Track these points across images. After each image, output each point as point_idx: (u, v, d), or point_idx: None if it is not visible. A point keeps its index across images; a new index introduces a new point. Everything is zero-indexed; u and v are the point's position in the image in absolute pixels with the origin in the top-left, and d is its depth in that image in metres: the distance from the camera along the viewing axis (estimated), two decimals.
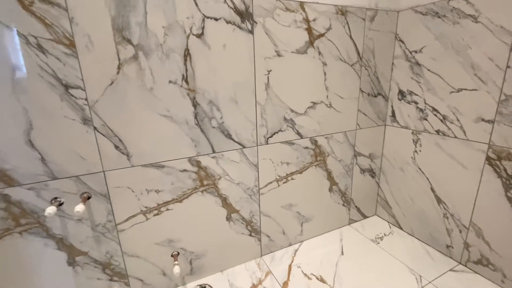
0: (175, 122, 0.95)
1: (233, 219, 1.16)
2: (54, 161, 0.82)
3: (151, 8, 0.83)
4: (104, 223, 0.93)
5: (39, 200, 0.82)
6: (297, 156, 1.24)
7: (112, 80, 0.83)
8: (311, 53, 1.14)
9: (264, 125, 1.12)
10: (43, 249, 0.86)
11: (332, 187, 1.40)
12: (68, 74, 0.77)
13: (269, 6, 1.00)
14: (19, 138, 0.76)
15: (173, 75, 0.91)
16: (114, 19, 0.79)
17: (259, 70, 1.05)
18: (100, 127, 0.85)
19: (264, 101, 1.09)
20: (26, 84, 0.74)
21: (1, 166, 0.76)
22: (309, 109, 1.21)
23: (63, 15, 0.74)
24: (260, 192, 1.19)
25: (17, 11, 0.69)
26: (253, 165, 1.14)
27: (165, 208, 1.01)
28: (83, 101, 0.81)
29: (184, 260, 1.11)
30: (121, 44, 0.82)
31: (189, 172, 1.02)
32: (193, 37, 0.91)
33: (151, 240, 1.02)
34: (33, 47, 0.73)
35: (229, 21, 0.95)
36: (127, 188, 0.94)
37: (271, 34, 1.04)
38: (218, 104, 1.01)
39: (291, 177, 1.26)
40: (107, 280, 0.98)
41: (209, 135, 1.02)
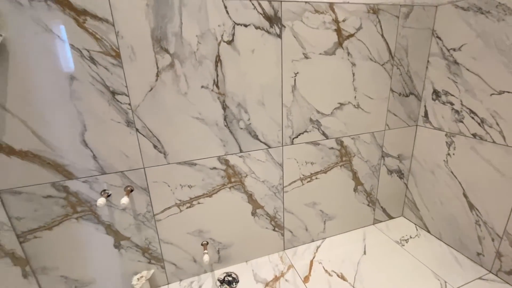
0: (206, 124, 1.02)
1: (258, 214, 1.23)
2: (103, 158, 0.93)
3: (186, 18, 0.89)
4: (144, 213, 1.05)
5: (91, 192, 0.95)
6: (322, 156, 1.26)
7: (151, 87, 0.91)
8: (340, 54, 1.13)
9: (290, 126, 1.15)
10: (95, 233, 1.00)
11: (357, 187, 1.40)
12: (115, 82, 0.87)
13: (298, 9, 1.01)
14: (75, 138, 0.88)
15: (205, 80, 0.97)
16: (153, 31, 0.87)
17: (286, 72, 1.08)
18: (141, 129, 0.94)
19: (290, 103, 1.12)
20: (80, 92, 0.85)
21: (61, 162, 0.89)
22: (336, 110, 1.21)
23: (111, 30, 0.82)
24: (284, 190, 1.24)
25: (73, 28, 0.79)
26: (278, 164, 1.19)
27: (196, 201, 1.11)
28: (127, 105, 0.91)
29: (213, 249, 1.21)
30: (159, 53, 0.89)
31: (218, 170, 1.10)
32: (224, 44, 0.96)
33: (184, 229, 1.13)
34: (86, 59, 0.83)
35: (258, 27, 0.98)
36: (164, 183, 1.04)
37: (299, 37, 1.05)
38: (246, 107, 1.06)
39: (315, 176, 1.28)
40: (146, 262, 1.11)
41: (237, 136, 1.08)
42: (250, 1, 0.94)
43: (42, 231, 0.93)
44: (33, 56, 0.78)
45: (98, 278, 1.06)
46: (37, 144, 0.85)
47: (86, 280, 1.05)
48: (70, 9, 0.77)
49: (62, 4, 0.76)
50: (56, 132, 0.86)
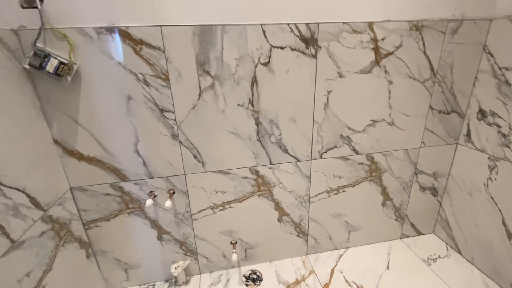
0: (240, 138, 1.11)
1: (283, 221, 1.31)
2: (152, 165, 1.08)
3: (227, 44, 0.96)
4: (183, 213, 1.19)
5: (141, 192, 1.11)
6: (351, 171, 1.28)
7: (194, 105, 1.02)
8: (376, 72, 1.12)
9: (320, 142, 1.19)
10: (142, 226, 1.17)
11: (386, 202, 1.40)
12: (163, 101, 0.99)
13: (335, 30, 1.03)
14: (130, 148, 1.03)
15: (241, 99, 1.05)
16: (198, 56, 0.96)
17: (319, 91, 1.11)
18: (184, 141, 1.06)
19: (321, 120, 1.16)
20: (135, 109, 0.98)
21: (118, 167, 1.05)
22: (368, 127, 1.21)
23: (162, 56, 0.93)
24: (310, 201, 1.30)
25: (131, 55, 0.91)
26: (306, 176, 1.24)
27: (228, 206, 1.22)
28: (173, 121, 1.03)
29: (240, 248, 1.33)
30: (202, 75, 0.99)
31: (249, 179, 1.19)
32: (260, 66, 1.02)
33: (216, 229, 1.26)
34: (141, 81, 0.95)
35: (294, 48, 1.02)
36: (201, 188, 1.16)
37: (334, 57, 1.07)
38: (277, 123, 1.12)
39: (343, 189, 1.31)
40: (182, 254, 1.27)
41: (267, 149, 1.15)
42: (288, 25, 0.98)
43: (102, 221, 1.12)
44: (99, 79, 0.92)
45: (143, 263, 1.25)
46: (100, 152, 1.01)
47: (134, 264, 1.23)
48: (130, 40, 0.90)
49: (124, 36, 0.89)
50: (115, 142, 1.01)
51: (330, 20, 1.01)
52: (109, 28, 0.87)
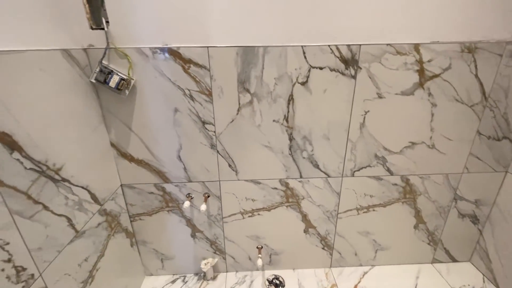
0: (273, 151, 1.16)
1: (309, 233, 1.34)
2: (191, 170, 1.18)
3: (267, 63, 1.01)
4: (215, 215, 1.28)
5: (180, 194, 1.22)
6: (383, 191, 1.26)
7: (232, 119, 1.09)
8: (419, 95, 1.08)
9: (353, 160, 1.19)
10: (178, 224, 1.29)
11: (419, 225, 1.35)
12: (205, 114, 1.07)
13: (378, 51, 1.01)
14: (173, 154, 1.14)
15: (277, 115, 1.09)
16: (239, 75, 1.02)
17: (356, 111, 1.10)
18: (221, 151, 1.14)
19: (356, 139, 1.15)
20: (180, 120, 1.08)
21: (162, 170, 1.17)
22: (406, 148, 1.18)
23: (207, 74, 1.01)
24: (338, 216, 1.31)
25: (180, 73, 1.00)
26: (336, 192, 1.25)
27: (257, 213, 1.28)
28: (212, 133, 1.11)
29: (265, 253, 1.39)
30: (242, 93, 1.04)
31: (278, 190, 1.24)
32: (298, 85, 1.05)
33: (244, 233, 1.33)
34: (187, 96, 1.04)
35: (333, 69, 1.03)
36: (233, 194, 1.24)
37: (374, 78, 1.05)
38: (311, 139, 1.14)
39: (373, 208, 1.30)
40: (212, 252, 1.37)
41: (299, 164, 1.19)
42: (329, 46, 0.99)
43: (145, 216, 1.26)
44: (152, 93, 1.03)
45: (177, 256, 1.37)
46: (148, 156, 1.14)
47: (169, 255, 1.37)
48: (180, 59, 0.98)
49: (175, 56, 0.98)
50: (161, 148, 1.12)
51: (373, 41, 1.00)
52: (162, 48, 0.97)
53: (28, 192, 0.69)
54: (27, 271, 0.68)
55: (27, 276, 0.67)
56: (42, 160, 0.74)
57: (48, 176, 0.76)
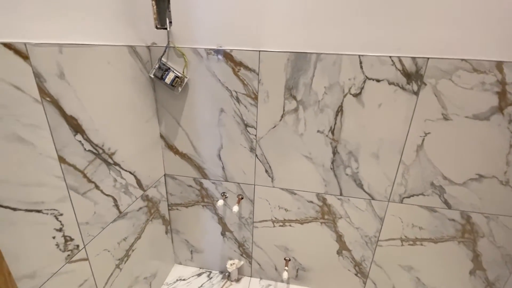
0: (313, 163, 1.10)
1: (343, 255, 1.25)
2: (229, 170, 1.19)
3: (318, 71, 0.96)
4: (246, 218, 1.28)
5: (215, 191, 1.25)
6: (436, 225, 1.11)
7: (275, 124, 1.07)
8: (496, 121, 0.92)
9: (403, 185, 1.07)
10: (210, 220, 1.32)
11: (476, 271, 1.15)
12: (249, 117, 1.07)
13: (449, 67, 0.89)
14: (214, 152, 1.17)
15: (322, 126, 1.04)
16: (287, 81, 0.99)
17: (414, 131, 0.98)
18: (259, 155, 1.13)
19: (410, 162, 1.03)
20: (224, 121, 1.10)
21: (203, 166, 1.21)
22: (472, 181, 1.01)
23: (255, 78, 1.01)
24: (378, 244, 1.19)
25: (230, 75, 1.02)
26: (379, 217, 1.14)
27: (288, 224, 1.24)
28: (254, 136, 1.10)
29: (292, 266, 1.34)
30: (288, 99, 1.02)
31: (314, 204, 1.18)
32: (349, 96, 0.98)
33: (273, 241, 1.30)
34: (234, 98, 1.05)
35: (392, 82, 0.94)
36: (266, 201, 1.22)
37: (441, 96, 0.93)
38: (357, 156, 1.06)
39: (421, 243, 1.15)
40: (239, 254, 1.37)
41: (340, 180, 1.11)
42: (390, 57, 0.91)
43: (181, 206, 1.32)
44: (201, 92, 1.07)
45: (206, 250, 1.41)
46: (191, 151, 1.18)
47: (199, 248, 1.41)
48: (231, 61, 1.00)
49: (227, 58, 1.00)
50: (204, 145, 1.16)
51: (444, 55, 0.88)
52: (216, 50, 1.00)
53: (84, 171, 0.77)
54: (74, 242, 0.75)
55: (73, 246, 0.75)
56: (99, 144, 0.82)
57: (102, 158, 0.84)
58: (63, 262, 0.73)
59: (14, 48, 0.56)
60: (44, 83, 0.63)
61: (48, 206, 0.67)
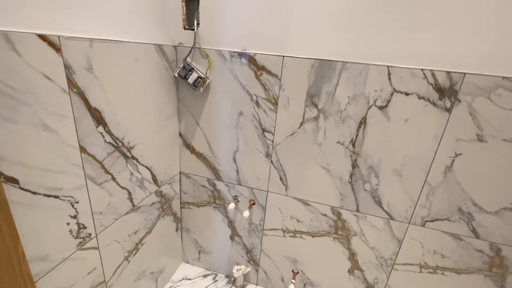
0: (331, 175, 1.06)
1: (355, 275, 1.18)
2: (243, 174, 1.18)
3: (343, 80, 0.93)
4: (256, 224, 1.26)
5: (228, 194, 1.24)
6: (461, 254, 1.02)
7: (293, 132, 1.04)
8: None
9: (427, 207, 0.99)
10: (221, 222, 1.31)
11: None
12: (267, 122, 1.06)
13: (488, 84, 0.81)
14: (230, 155, 1.16)
15: (342, 137, 0.99)
16: (310, 88, 0.97)
17: (444, 150, 0.91)
18: (275, 162, 1.11)
19: (437, 183, 0.96)
20: (243, 124, 1.09)
21: (217, 167, 1.20)
22: (505, 210, 0.92)
23: (277, 83, 0.99)
24: (394, 267, 1.11)
25: (251, 78, 1.02)
26: (397, 239, 1.07)
27: (299, 235, 1.20)
28: (270, 142, 1.08)
29: (300, 280, 1.29)
30: (309, 107, 0.99)
31: (328, 218, 1.13)
32: (374, 108, 0.93)
33: (282, 252, 1.27)
34: (254, 102, 1.05)
35: (422, 97, 0.88)
36: (278, 209, 1.19)
37: (477, 115, 0.85)
38: (378, 171, 1.00)
39: (442, 272, 1.06)
40: (246, 260, 1.35)
41: (358, 195, 1.06)
42: (422, 70, 0.85)
43: (193, 206, 1.32)
44: (222, 94, 1.07)
45: (214, 252, 1.40)
46: (208, 151, 1.19)
47: (207, 249, 1.41)
48: (254, 65, 1.00)
49: (250, 61, 0.99)
50: (220, 147, 1.16)
51: (483, 71, 0.81)
52: (240, 53, 0.99)
53: (102, 162, 0.80)
54: (87, 230, 0.78)
55: (86, 234, 0.77)
56: (119, 137, 0.85)
57: (121, 151, 0.87)
58: (74, 248, 0.75)
59: (48, 40, 0.59)
60: (72, 75, 0.65)
61: (66, 193, 0.69)
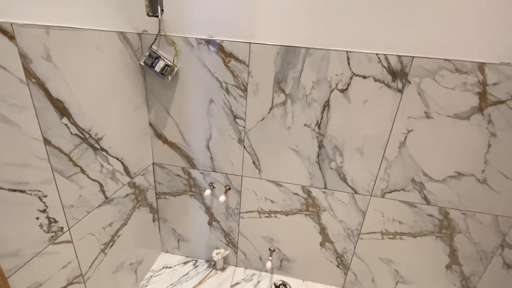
0: (300, 156, 1.13)
1: (326, 247, 1.28)
2: (217, 161, 1.21)
3: (307, 66, 0.98)
4: (233, 208, 1.30)
5: (203, 181, 1.26)
6: (415, 220, 1.15)
7: (263, 117, 1.08)
8: (476, 121, 0.95)
9: (386, 180, 1.10)
10: (198, 210, 1.34)
11: (452, 265, 1.20)
12: (238, 109, 1.09)
13: (433, 66, 0.91)
14: (203, 143, 1.18)
15: (309, 120, 1.06)
16: (277, 74, 1.01)
17: (397, 128, 1.01)
18: (247, 147, 1.15)
19: (393, 158, 1.06)
20: (214, 111, 1.11)
21: (191, 156, 1.22)
22: (450, 178, 1.05)
23: (245, 70, 1.02)
24: (359, 237, 1.23)
25: (220, 66, 1.03)
26: (361, 211, 1.18)
27: (274, 215, 1.27)
28: (242, 128, 1.12)
29: (276, 257, 1.37)
30: (277, 92, 1.03)
31: (299, 197, 1.20)
32: (336, 91, 1.00)
33: (258, 232, 1.33)
34: (223, 89, 1.07)
35: (378, 79, 0.96)
36: (253, 192, 1.24)
37: (424, 95, 0.95)
38: (342, 150, 1.08)
39: (401, 237, 1.19)
40: (225, 244, 1.40)
41: (325, 173, 1.14)
42: (377, 55, 0.93)
43: (169, 196, 1.33)
44: (191, 82, 1.08)
45: (192, 239, 1.43)
46: (180, 140, 1.19)
47: (185, 237, 1.43)
48: (222, 52, 1.01)
49: (217, 48, 1.00)
50: (193, 135, 1.17)
51: (428, 54, 0.90)
52: (207, 40, 1.00)
53: (70, 155, 0.78)
54: (58, 224, 0.76)
55: (57, 228, 0.76)
56: (86, 128, 0.83)
57: (89, 143, 0.85)
58: (46, 243, 0.74)
59: (0, 28, 0.56)
60: (29, 64, 0.63)
61: (32, 187, 0.67)
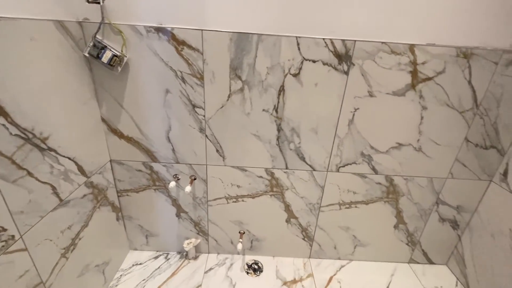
0: (261, 140, 1.17)
1: (291, 223, 1.38)
2: (179, 152, 1.20)
3: (260, 52, 1.01)
4: (200, 198, 1.31)
5: (167, 174, 1.25)
6: (367, 189, 1.28)
7: (222, 105, 1.10)
8: (410, 96, 1.08)
9: (339, 156, 1.21)
10: (164, 203, 1.32)
11: (399, 225, 1.38)
12: (196, 98, 1.08)
13: (372, 49, 1.01)
14: (162, 135, 1.16)
15: (267, 105, 1.10)
16: (232, 61, 1.02)
17: (346, 107, 1.11)
18: (209, 136, 1.16)
19: (344, 135, 1.16)
20: (171, 102, 1.09)
21: (151, 149, 1.19)
22: (393, 149, 1.19)
23: (200, 58, 1.01)
24: (320, 210, 1.34)
25: (173, 54, 1.01)
26: (320, 186, 1.28)
27: (241, 199, 1.31)
28: (202, 117, 1.12)
29: (247, 238, 1.43)
30: (234, 79, 1.05)
31: (263, 179, 1.26)
32: (289, 76, 1.05)
33: (227, 217, 1.37)
34: (179, 78, 1.05)
35: (326, 63, 1.03)
36: (219, 179, 1.26)
37: (367, 75, 1.05)
38: (299, 132, 1.15)
39: (355, 205, 1.32)
40: (195, 233, 1.41)
41: (285, 155, 1.20)
42: (323, 40, 0.99)
43: (132, 192, 1.29)
44: (144, 72, 1.04)
45: (161, 233, 1.42)
46: (138, 134, 1.15)
47: (154, 232, 1.41)
48: (174, 40, 0.99)
49: (168, 36, 0.98)
50: (151, 127, 1.14)
51: (368, 38, 0.99)
52: (157, 28, 0.97)
53: (12, 157, 0.72)
54: (8, 232, 0.71)
55: (7, 237, 0.71)
56: (28, 128, 0.76)
57: (34, 144, 0.79)
58: None
59: None
60: None
61: None
